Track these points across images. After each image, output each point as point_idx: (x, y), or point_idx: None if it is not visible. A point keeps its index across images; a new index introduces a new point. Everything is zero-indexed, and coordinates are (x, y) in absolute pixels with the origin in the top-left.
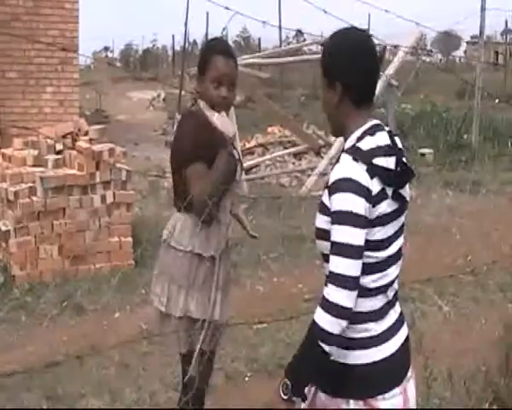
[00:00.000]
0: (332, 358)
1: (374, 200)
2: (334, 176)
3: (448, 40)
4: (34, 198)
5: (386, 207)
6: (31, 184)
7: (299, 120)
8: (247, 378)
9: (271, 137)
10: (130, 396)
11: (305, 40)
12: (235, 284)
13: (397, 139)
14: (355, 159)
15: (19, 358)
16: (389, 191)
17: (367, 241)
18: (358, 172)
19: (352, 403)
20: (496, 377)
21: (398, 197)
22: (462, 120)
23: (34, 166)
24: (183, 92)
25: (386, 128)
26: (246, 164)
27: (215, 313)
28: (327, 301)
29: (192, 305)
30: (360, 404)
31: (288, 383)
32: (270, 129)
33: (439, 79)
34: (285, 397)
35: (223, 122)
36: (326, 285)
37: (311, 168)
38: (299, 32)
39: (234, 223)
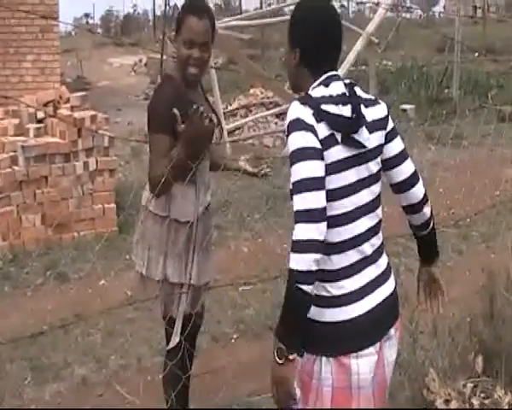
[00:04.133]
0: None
1: (322, 144)
2: (285, 123)
3: None
4: (16, 168)
5: (337, 153)
6: (12, 154)
7: (280, 80)
8: (233, 340)
9: (254, 99)
10: (116, 362)
11: (285, 1)
12: (219, 246)
13: (357, 89)
14: (302, 103)
15: (2, 328)
16: (338, 137)
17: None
18: (304, 112)
19: (324, 360)
20: (480, 326)
21: (352, 143)
22: (443, 75)
23: (15, 135)
24: (164, 57)
25: (347, 81)
26: (229, 126)
27: (193, 276)
28: (295, 241)
29: (169, 269)
30: (331, 361)
31: (282, 345)
32: (252, 90)
33: (420, 34)
34: (281, 361)
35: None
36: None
37: None
38: None
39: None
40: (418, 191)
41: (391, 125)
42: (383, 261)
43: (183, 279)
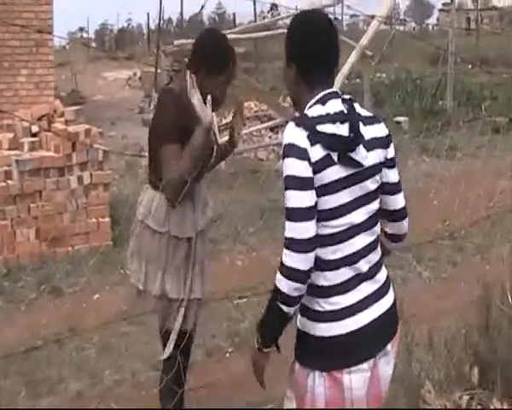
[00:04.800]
0: (300, 328)
1: (316, 166)
2: (281, 141)
3: (421, 8)
4: (10, 182)
5: (333, 173)
6: (6, 168)
7: (275, 93)
8: (228, 354)
9: (248, 112)
10: (110, 377)
11: (279, 14)
12: (213, 259)
13: (356, 106)
14: (297, 125)
15: None
16: (335, 156)
17: (319, 211)
18: (299, 136)
19: (318, 374)
20: (476, 338)
21: (349, 162)
22: (437, 87)
23: (10, 149)
24: (158, 70)
25: (347, 96)
26: (223, 139)
27: (192, 290)
28: (282, 264)
29: (168, 285)
30: (324, 376)
31: (259, 338)
32: (246, 103)
33: (413, 46)
34: (257, 347)
35: (202, 107)
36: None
37: None
38: (274, 6)
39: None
40: (403, 226)
41: (392, 152)
42: (381, 276)
43: (182, 295)
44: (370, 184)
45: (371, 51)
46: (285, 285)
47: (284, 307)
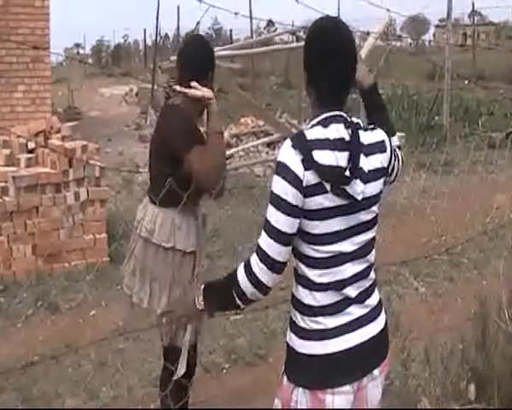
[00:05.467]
0: (288, 343)
1: (307, 191)
2: (277, 157)
3: (417, 24)
4: (6, 198)
5: (324, 201)
6: (3, 184)
7: (271, 108)
8: (225, 370)
9: (244, 128)
10: (107, 394)
11: (275, 30)
12: (211, 276)
13: (362, 134)
14: (293, 146)
15: None
16: (328, 186)
17: (307, 233)
18: (293, 159)
19: (301, 391)
20: (472, 353)
21: (342, 194)
22: (433, 102)
23: (6, 165)
24: (155, 86)
25: (355, 120)
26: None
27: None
28: (249, 265)
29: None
30: (307, 393)
31: (203, 300)
32: (242, 119)
33: (410, 62)
34: (198, 307)
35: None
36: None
37: None
38: (271, 22)
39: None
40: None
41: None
42: (372, 301)
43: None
44: (365, 216)
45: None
46: (246, 287)
47: (237, 299)
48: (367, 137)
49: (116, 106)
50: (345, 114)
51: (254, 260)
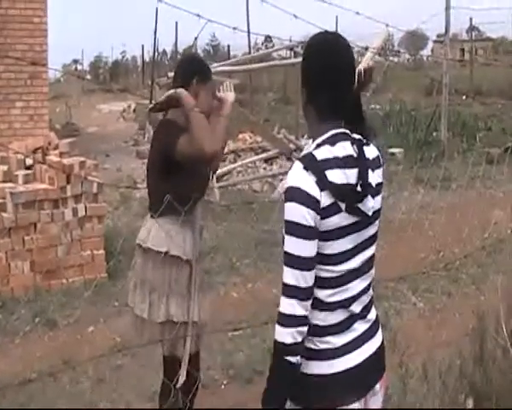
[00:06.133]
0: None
1: (324, 212)
2: (286, 183)
3: (415, 40)
4: (4, 214)
5: (339, 220)
6: (1, 200)
7: (269, 124)
8: (223, 386)
9: (242, 144)
10: None
11: (273, 45)
12: (209, 291)
13: (366, 149)
14: (305, 168)
15: None
16: (342, 205)
17: (320, 254)
18: (307, 182)
19: None
20: (471, 368)
21: (355, 212)
22: (431, 118)
23: (4, 181)
24: (153, 102)
25: (357, 136)
26: (218, 171)
27: (195, 314)
28: (281, 313)
29: (172, 309)
30: None
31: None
32: (240, 135)
33: (408, 77)
34: None
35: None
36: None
37: (282, 173)
38: (268, 38)
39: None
40: None
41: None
42: (371, 316)
43: (186, 318)
44: (371, 230)
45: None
46: (287, 335)
47: (292, 359)
48: (369, 152)
49: (114, 122)
50: (348, 131)
51: (284, 303)
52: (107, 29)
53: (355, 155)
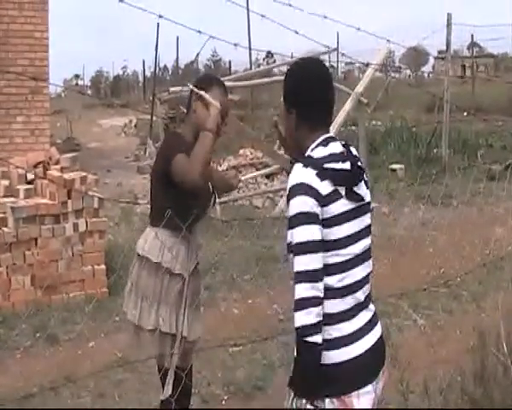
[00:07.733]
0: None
1: (325, 200)
2: (288, 185)
3: (416, 56)
4: (5, 229)
5: (340, 206)
6: (2, 215)
7: (270, 140)
8: (223, 402)
9: (243, 159)
10: None
11: (275, 61)
12: (209, 307)
13: (352, 149)
14: (305, 165)
15: None
16: (342, 191)
17: (326, 241)
18: (308, 175)
19: (328, 402)
20: (471, 385)
21: (353, 196)
22: (432, 134)
23: (5, 196)
24: (154, 118)
25: (343, 142)
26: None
27: (184, 328)
28: (298, 300)
29: (161, 318)
30: (334, 402)
31: (303, 399)
32: (241, 151)
33: (409, 94)
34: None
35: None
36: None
37: (283, 189)
38: (270, 54)
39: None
40: None
41: None
42: (372, 307)
43: (174, 330)
44: (367, 219)
45: (367, 99)
46: (305, 316)
47: (313, 338)
48: (354, 152)
49: (115, 137)
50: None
51: (299, 289)
52: (108, 44)
53: (345, 153)
